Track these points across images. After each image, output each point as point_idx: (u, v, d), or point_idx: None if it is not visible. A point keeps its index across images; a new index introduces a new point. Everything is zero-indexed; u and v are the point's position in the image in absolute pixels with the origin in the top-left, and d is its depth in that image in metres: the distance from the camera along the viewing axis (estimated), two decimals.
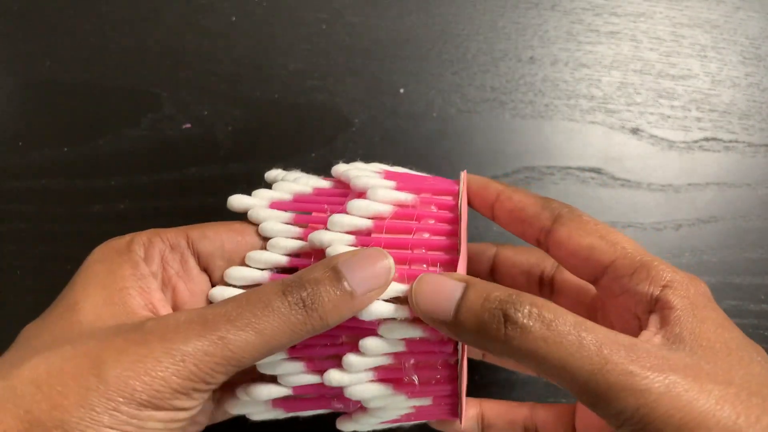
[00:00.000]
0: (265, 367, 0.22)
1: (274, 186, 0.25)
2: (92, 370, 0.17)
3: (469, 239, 0.36)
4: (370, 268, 0.20)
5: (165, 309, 0.22)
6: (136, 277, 0.21)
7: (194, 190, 0.37)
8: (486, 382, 0.35)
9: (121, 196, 0.36)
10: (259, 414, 0.24)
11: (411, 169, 0.28)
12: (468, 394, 0.34)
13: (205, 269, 0.24)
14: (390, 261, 0.21)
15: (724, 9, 0.41)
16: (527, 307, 0.18)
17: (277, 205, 0.24)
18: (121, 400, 0.17)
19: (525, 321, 0.18)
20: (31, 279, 0.36)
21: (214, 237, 0.23)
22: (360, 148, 0.37)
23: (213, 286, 0.24)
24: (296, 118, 0.38)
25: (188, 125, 0.38)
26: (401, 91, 0.39)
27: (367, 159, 0.37)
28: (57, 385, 0.17)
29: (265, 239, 0.24)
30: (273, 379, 0.23)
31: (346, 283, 0.20)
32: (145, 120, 0.38)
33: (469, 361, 0.35)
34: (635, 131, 0.39)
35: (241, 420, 0.25)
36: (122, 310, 0.20)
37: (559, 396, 0.34)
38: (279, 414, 0.24)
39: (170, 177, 0.37)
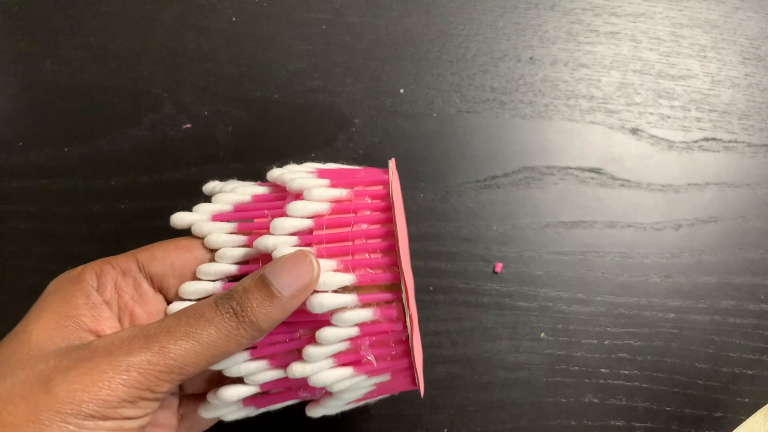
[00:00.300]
0: (230, 370, 0.23)
1: (213, 199, 0.26)
2: (41, 387, 0.18)
3: (469, 240, 0.36)
4: (294, 271, 0.21)
5: None
6: (88, 306, 0.22)
7: (194, 190, 0.37)
8: (485, 382, 0.35)
9: (121, 196, 0.36)
10: (232, 414, 0.25)
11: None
12: (468, 394, 0.34)
13: (160, 289, 0.24)
14: (312, 260, 0.22)
15: (723, 9, 0.41)
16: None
17: (218, 217, 0.25)
18: (69, 411, 0.18)
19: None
20: (31, 279, 0.36)
21: (162, 257, 0.24)
22: (360, 148, 0.38)
23: (169, 304, 0.24)
24: (296, 118, 0.38)
25: (188, 125, 0.38)
26: (401, 91, 0.39)
27: (367, 159, 0.37)
28: (7, 406, 0.18)
29: (213, 251, 0.24)
30: (240, 381, 0.24)
31: (273, 288, 0.21)
32: (145, 120, 0.38)
33: (470, 361, 0.35)
34: (635, 131, 0.39)
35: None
36: (73, 334, 0.21)
37: (558, 396, 0.35)
38: (251, 411, 0.25)
39: (170, 177, 0.37)
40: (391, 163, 0.26)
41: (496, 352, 0.35)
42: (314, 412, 0.25)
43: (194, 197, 0.37)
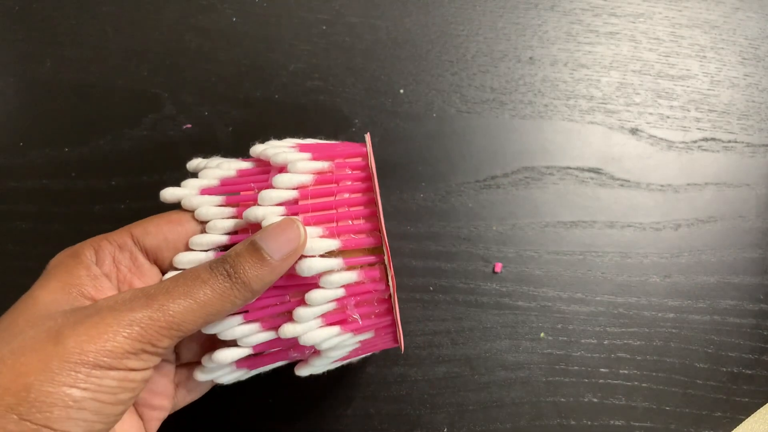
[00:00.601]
0: (224, 333, 0.24)
1: (200, 174, 0.27)
2: (51, 340, 0.20)
3: (469, 239, 0.37)
4: (282, 236, 0.23)
5: None
6: (90, 277, 0.23)
7: None
8: (485, 382, 0.35)
9: (121, 196, 0.36)
10: (225, 376, 0.26)
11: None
12: (467, 393, 0.34)
13: (155, 262, 0.26)
14: (299, 226, 0.23)
15: (723, 9, 0.41)
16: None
17: (206, 191, 0.26)
18: (78, 361, 0.19)
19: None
20: (31, 279, 0.36)
21: (156, 231, 0.25)
22: None
23: (164, 275, 0.26)
24: (296, 118, 0.38)
25: (189, 125, 0.38)
26: (401, 91, 0.39)
27: None
28: (20, 358, 0.19)
29: (203, 223, 0.26)
30: (234, 344, 0.25)
31: (263, 253, 0.22)
32: (145, 120, 0.38)
33: (470, 360, 0.35)
34: (634, 131, 0.39)
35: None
36: (77, 300, 0.22)
37: (557, 395, 0.35)
38: (243, 374, 0.27)
39: (171, 177, 0.37)
40: (367, 137, 0.27)
41: (496, 351, 0.35)
42: (302, 371, 0.27)
43: None
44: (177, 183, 0.37)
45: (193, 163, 0.28)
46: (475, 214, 0.37)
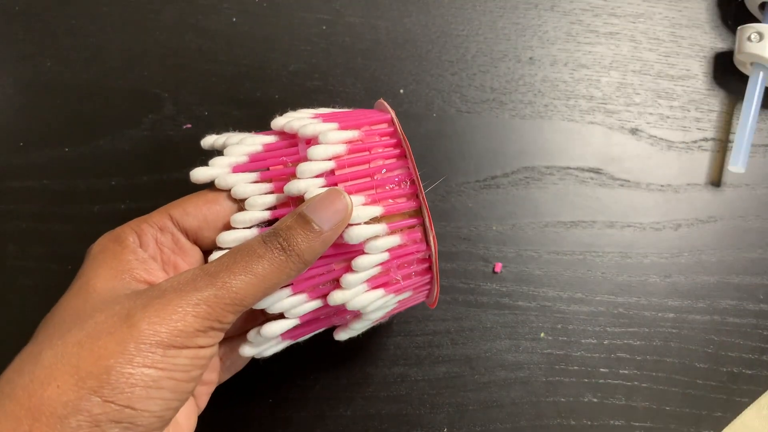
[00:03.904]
0: (273, 307, 0.25)
1: (225, 152, 0.27)
2: (124, 324, 0.20)
3: (469, 239, 0.37)
4: (330, 207, 0.23)
5: None
6: (138, 261, 0.24)
7: (195, 191, 0.37)
8: (485, 382, 0.35)
9: (121, 196, 0.37)
10: (270, 349, 0.27)
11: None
12: (467, 393, 0.34)
13: (195, 242, 0.26)
14: (345, 196, 0.24)
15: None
16: None
17: (238, 168, 0.27)
18: (152, 342, 0.20)
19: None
20: (31, 279, 0.36)
21: (195, 212, 0.26)
22: None
23: (204, 254, 0.26)
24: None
25: (188, 125, 0.38)
26: (401, 91, 0.39)
27: None
28: (97, 342, 0.20)
29: (240, 201, 0.26)
30: (280, 317, 0.25)
31: (314, 224, 0.23)
32: (145, 120, 0.38)
33: (470, 360, 0.35)
34: (634, 131, 0.39)
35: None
36: (132, 285, 0.23)
37: (558, 395, 0.35)
38: (285, 344, 0.27)
39: (171, 177, 0.37)
40: (382, 102, 0.28)
41: (496, 351, 0.35)
42: (341, 335, 0.28)
43: None
44: (177, 183, 0.37)
45: (209, 140, 0.28)
46: (475, 214, 0.37)
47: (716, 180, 0.38)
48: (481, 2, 0.40)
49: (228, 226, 0.26)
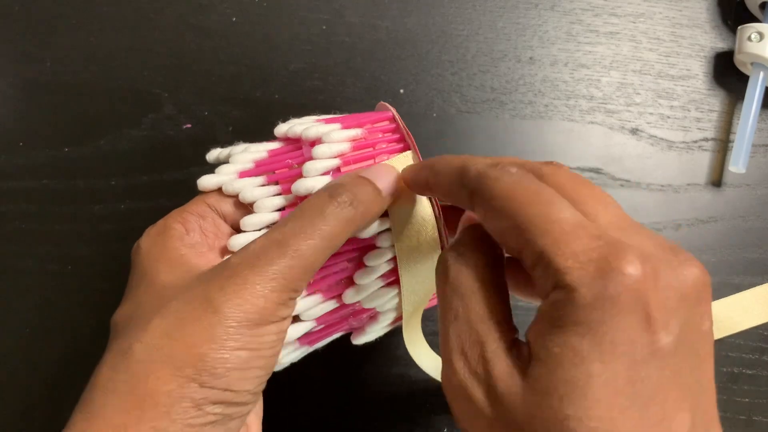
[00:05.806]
0: None
1: (230, 160, 0.27)
2: (207, 309, 0.20)
3: None
4: (387, 173, 0.24)
5: None
6: (187, 247, 0.24)
7: (195, 191, 0.37)
8: None
9: (121, 196, 0.36)
10: (287, 356, 0.26)
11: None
12: None
13: (232, 226, 0.26)
14: (396, 170, 0.24)
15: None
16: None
17: (245, 174, 0.27)
18: (239, 325, 0.20)
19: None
20: (31, 279, 0.36)
21: (225, 197, 0.26)
22: None
23: None
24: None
25: (188, 125, 0.38)
26: (401, 91, 0.39)
27: None
28: (185, 330, 0.20)
29: (248, 205, 0.26)
30: (296, 320, 0.25)
31: (377, 184, 0.23)
32: (145, 120, 0.38)
33: None
34: (635, 131, 0.39)
35: None
36: (192, 270, 0.22)
37: None
38: (304, 351, 0.27)
39: (171, 177, 0.37)
40: (383, 104, 0.28)
41: None
42: (359, 339, 0.28)
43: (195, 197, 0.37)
44: (177, 183, 0.37)
45: (214, 154, 0.29)
46: None
47: (716, 180, 0.38)
48: (481, 2, 0.40)
49: (240, 229, 0.26)
